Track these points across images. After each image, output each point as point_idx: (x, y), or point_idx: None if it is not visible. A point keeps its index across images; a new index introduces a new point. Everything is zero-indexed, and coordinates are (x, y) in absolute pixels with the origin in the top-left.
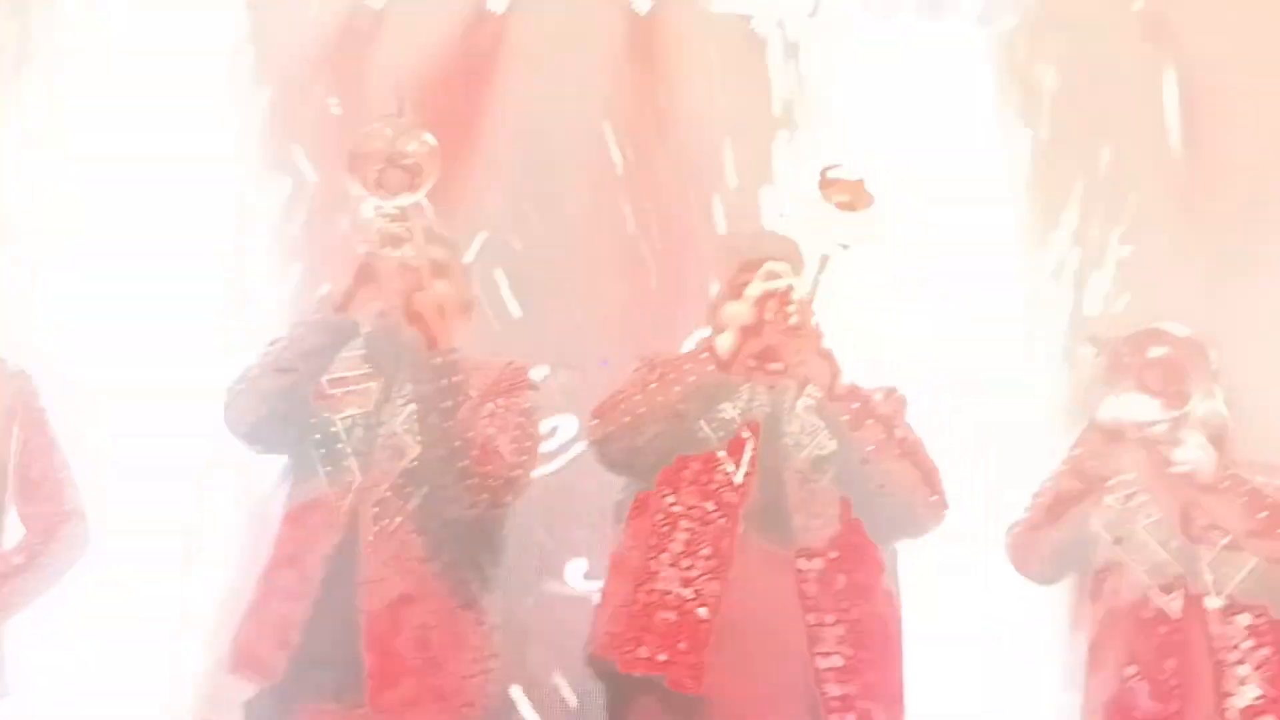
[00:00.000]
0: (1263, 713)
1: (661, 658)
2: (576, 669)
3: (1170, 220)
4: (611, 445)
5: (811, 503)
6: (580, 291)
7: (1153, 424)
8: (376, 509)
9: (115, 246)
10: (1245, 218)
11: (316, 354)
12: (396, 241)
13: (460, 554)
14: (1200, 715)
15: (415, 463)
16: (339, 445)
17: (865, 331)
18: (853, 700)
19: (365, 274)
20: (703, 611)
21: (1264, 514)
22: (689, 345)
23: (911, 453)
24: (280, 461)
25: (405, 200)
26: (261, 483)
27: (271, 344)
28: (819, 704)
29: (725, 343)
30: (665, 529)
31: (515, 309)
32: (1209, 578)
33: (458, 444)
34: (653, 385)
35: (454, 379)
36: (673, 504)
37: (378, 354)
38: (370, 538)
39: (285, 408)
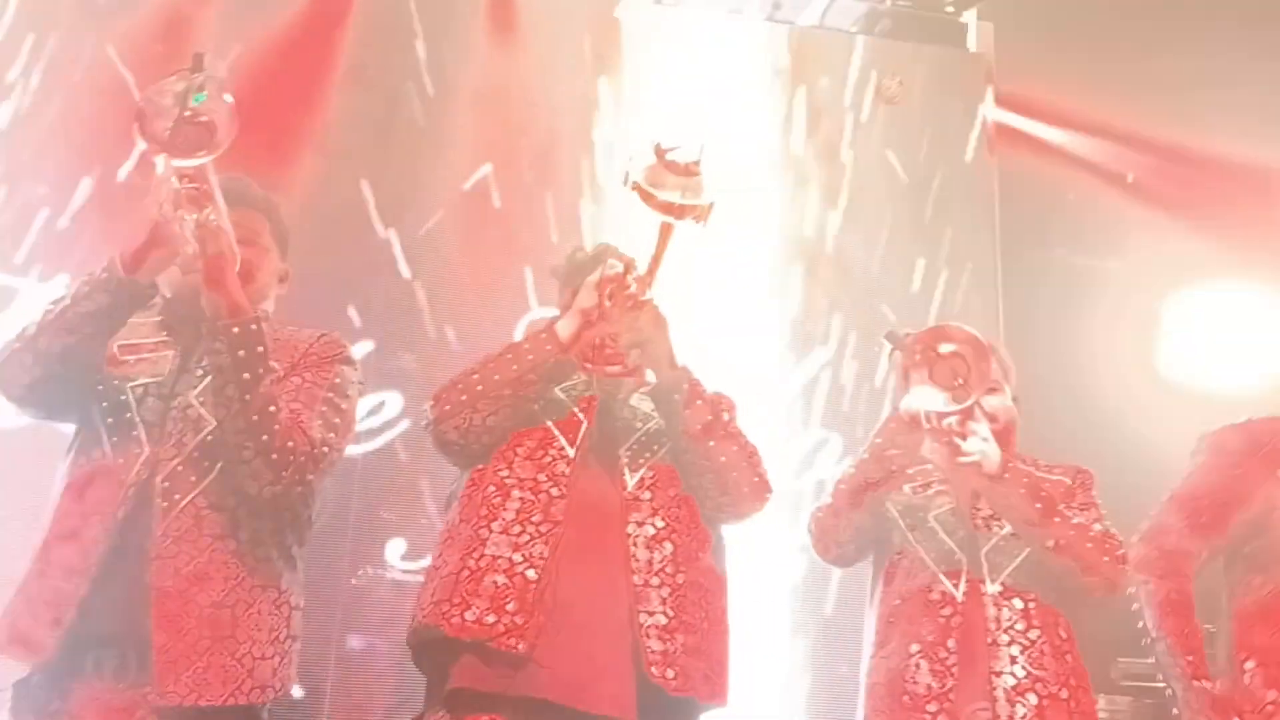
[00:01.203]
0: (1027, 690)
1: (490, 619)
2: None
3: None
4: (447, 424)
5: (642, 474)
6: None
7: (943, 416)
8: (167, 483)
9: None
10: (1039, 229)
11: (102, 315)
12: (193, 203)
13: (261, 531)
14: (972, 692)
15: (211, 436)
16: (128, 414)
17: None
18: (674, 657)
19: (158, 236)
20: (531, 573)
21: (1039, 504)
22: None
23: (736, 435)
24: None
25: (201, 159)
26: None
27: (53, 303)
28: (643, 660)
29: (566, 327)
30: (498, 499)
31: (346, 288)
32: (989, 564)
33: (256, 418)
34: (491, 365)
35: (255, 349)
36: (506, 476)
37: (176, 321)
38: (162, 512)
39: (64, 371)
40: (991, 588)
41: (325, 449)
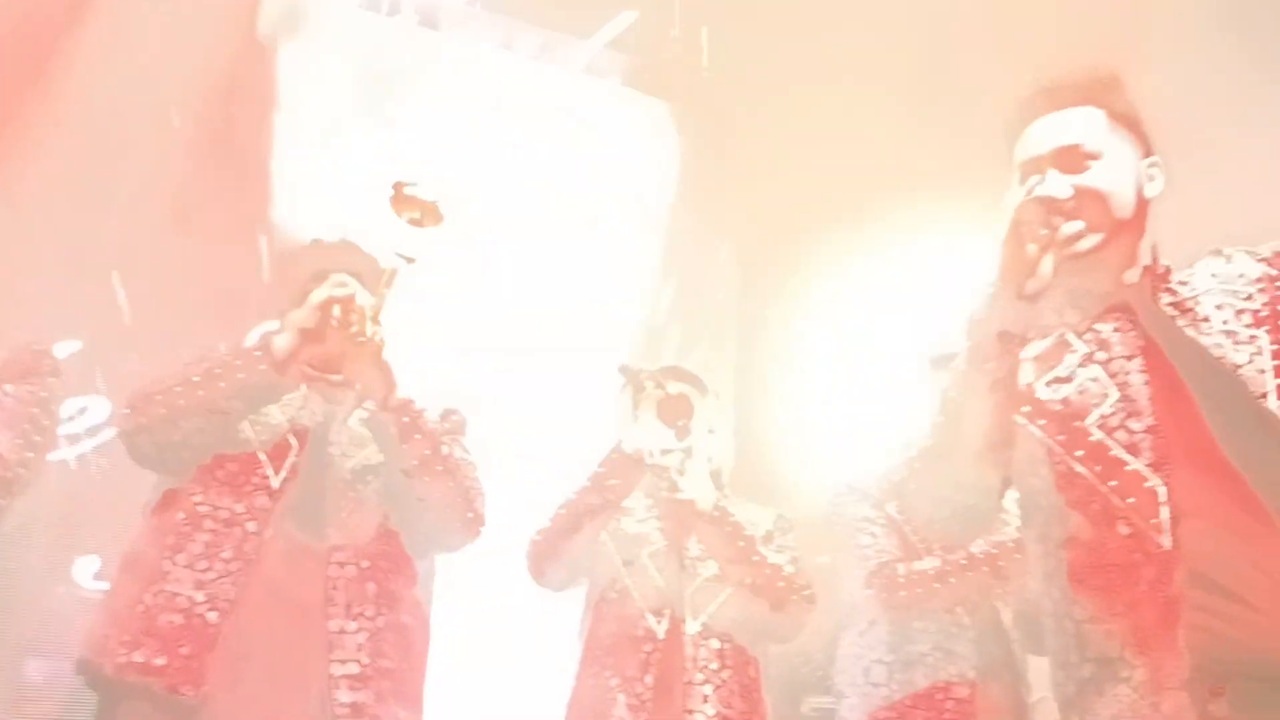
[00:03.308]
0: None
1: (159, 661)
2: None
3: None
4: (143, 438)
5: (351, 511)
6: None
7: (665, 452)
8: None
9: None
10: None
11: None
12: None
13: None
14: None
15: None
16: None
17: (438, 350)
18: (364, 708)
19: None
20: (212, 615)
21: (742, 543)
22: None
23: (454, 470)
24: None
25: None
26: None
27: None
28: (330, 713)
29: (282, 343)
30: (187, 529)
31: (55, 282)
32: (692, 604)
33: None
34: (196, 379)
35: None
36: (199, 503)
37: None
38: None
39: None
40: (692, 627)
41: (21, 469)
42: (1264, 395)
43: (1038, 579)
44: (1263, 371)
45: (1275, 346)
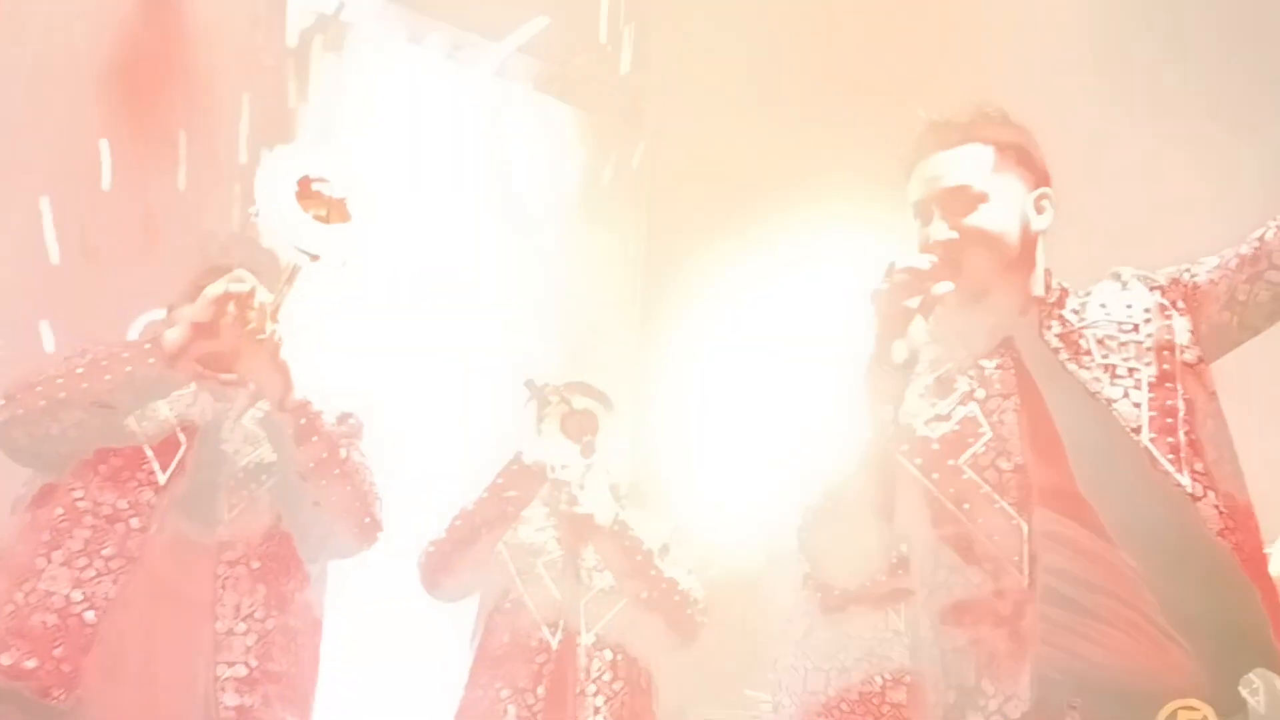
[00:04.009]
0: None
1: (29, 664)
2: None
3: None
4: (19, 429)
5: (242, 510)
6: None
7: (567, 467)
8: None
9: None
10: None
11: None
12: None
13: None
14: None
15: None
16: None
17: (335, 355)
18: (249, 711)
19: None
20: (90, 615)
21: (640, 557)
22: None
23: (352, 474)
24: None
25: None
26: None
27: None
28: (215, 714)
29: (173, 336)
30: (65, 524)
31: None
32: (586, 615)
33: None
34: (80, 370)
35: None
36: (79, 498)
37: None
38: None
39: None
40: (586, 638)
41: None
42: (1138, 428)
43: (916, 607)
44: (1138, 405)
45: (1152, 380)
